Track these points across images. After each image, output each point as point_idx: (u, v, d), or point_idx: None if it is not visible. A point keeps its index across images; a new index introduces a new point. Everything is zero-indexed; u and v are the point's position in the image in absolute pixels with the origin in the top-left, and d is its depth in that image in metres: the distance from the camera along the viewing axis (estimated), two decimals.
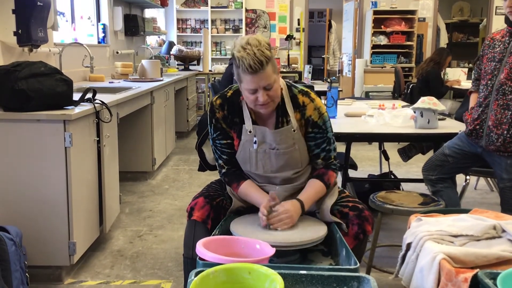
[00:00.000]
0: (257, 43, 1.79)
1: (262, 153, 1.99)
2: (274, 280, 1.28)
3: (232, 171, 2.09)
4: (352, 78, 8.84)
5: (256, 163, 2.02)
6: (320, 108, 2.00)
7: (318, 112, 1.99)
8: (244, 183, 2.04)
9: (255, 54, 1.76)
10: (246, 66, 1.78)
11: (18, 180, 2.50)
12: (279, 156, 1.98)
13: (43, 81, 2.49)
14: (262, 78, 1.80)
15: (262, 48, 1.78)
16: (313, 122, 1.99)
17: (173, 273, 2.75)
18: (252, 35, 1.83)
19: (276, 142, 1.97)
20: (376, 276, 2.61)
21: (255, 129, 1.98)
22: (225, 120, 2.03)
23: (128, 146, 4.38)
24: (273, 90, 1.85)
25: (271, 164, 2.00)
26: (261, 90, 1.83)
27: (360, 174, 4.50)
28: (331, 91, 3.36)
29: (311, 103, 1.98)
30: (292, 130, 1.97)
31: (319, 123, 1.99)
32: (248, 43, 1.79)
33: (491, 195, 4.30)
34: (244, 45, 1.79)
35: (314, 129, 2.00)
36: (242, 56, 1.77)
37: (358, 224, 1.94)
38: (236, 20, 8.70)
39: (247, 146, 2.01)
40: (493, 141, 2.50)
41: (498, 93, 2.48)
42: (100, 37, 5.41)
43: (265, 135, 1.98)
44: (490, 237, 1.69)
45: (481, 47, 2.72)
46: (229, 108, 2.01)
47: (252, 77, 1.80)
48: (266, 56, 1.78)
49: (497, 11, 8.57)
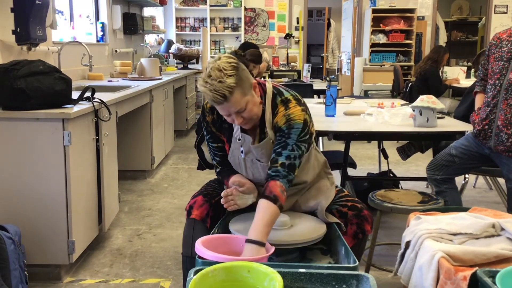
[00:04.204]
0: (218, 75, 1.72)
1: (250, 162, 1.98)
2: (273, 278, 1.28)
3: (226, 169, 2.09)
4: (351, 76, 8.84)
5: (246, 170, 2.01)
6: (291, 115, 1.86)
7: (286, 119, 1.86)
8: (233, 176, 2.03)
9: (215, 89, 1.72)
10: (211, 101, 1.77)
11: (17, 179, 2.49)
12: (265, 167, 1.93)
13: (42, 80, 2.49)
14: (230, 106, 1.77)
15: (224, 79, 1.72)
16: (277, 127, 1.88)
17: (172, 272, 2.75)
18: (216, 63, 1.75)
19: (258, 156, 1.94)
20: (375, 274, 2.62)
21: (244, 138, 1.95)
22: (214, 124, 2.02)
23: (127, 144, 4.38)
24: (247, 112, 1.81)
25: (259, 174, 1.98)
26: (233, 114, 1.81)
27: (359, 172, 4.50)
28: (330, 90, 3.35)
29: (284, 111, 1.88)
30: (271, 141, 1.91)
31: (283, 128, 1.87)
32: (209, 75, 1.73)
33: (490, 193, 4.30)
34: (205, 79, 1.74)
35: (277, 133, 1.90)
36: (204, 91, 1.75)
37: (357, 223, 1.94)
38: (235, 18, 8.69)
39: (236, 153, 2.00)
40: (503, 141, 2.49)
41: (507, 92, 2.47)
42: (99, 36, 5.41)
43: (250, 147, 1.95)
44: (489, 235, 1.70)
45: (480, 46, 2.72)
46: (219, 113, 1.97)
47: (220, 107, 1.79)
48: (229, 86, 1.72)
49: (496, 9, 8.57)
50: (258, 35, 8.72)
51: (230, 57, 1.79)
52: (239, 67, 1.77)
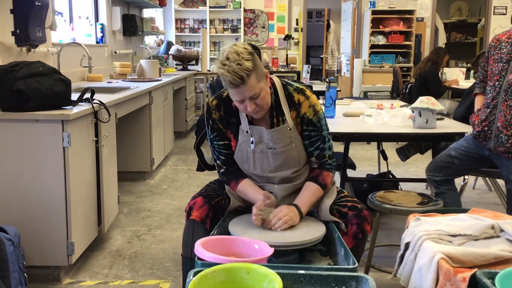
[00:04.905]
0: (236, 57, 1.77)
1: (259, 153, 1.99)
2: (272, 280, 1.28)
3: (230, 170, 2.09)
4: (350, 78, 8.84)
5: (254, 163, 2.02)
6: (315, 106, 2.00)
7: (313, 110, 1.99)
8: (242, 181, 2.04)
9: (234, 70, 1.76)
10: (228, 83, 1.79)
11: (17, 180, 2.49)
12: (277, 155, 1.98)
13: (41, 81, 2.49)
14: (246, 90, 1.80)
15: (242, 61, 1.77)
16: (308, 119, 1.99)
17: (171, 273, 2.75)
18: (233, 47, 1.81)
19: (273, 141, 1.97)
20: (375, 275, 2.61)
21: (252, 129, 1.99)
22: (221, 121, 2.03)
23: (126, 146, 4.37)
24: (260, 98, 1.85)
25: (269, 163, 2.00)
26: (247, 100, 1.84)
27: (358, 174, 4.50)
28: (330, 91, 3.36)
29: (306, 100, 1.99)
30: (289, 128, 1.97)
31: (314, 121, 1.99)
32: (228, 57, 1.78)
33: (490, 194, 4.30)
34: (223, 61, 1.78)
35: (309, 127, 2.00)
36: (222, 73, 1.78)
37: (357, 223, 1.94)
38: (235, 20, 8.70)
39: (244, 146, 2.01)
40: (503, 143, 2.49)
41: (507, 94, 2.48)
42: (98, 37, 5.41)
43: (262, 135, 1.98)
44: (488, 236, 1.70)
45: (479, 47, 2.73)
46: (226, 109, 2.02)
47: (235, 91, 1.82)
48: (247, 69, 1.77)
49: (495, 10, 8.58)
50: (257, 37, 8.73)
51: (245, 44, 1.86)
52: (254, 54, 1.83)
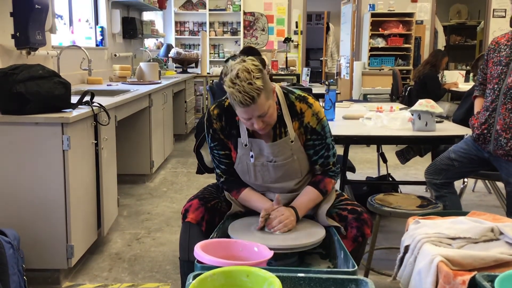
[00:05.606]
0: (246, 76, 1.71)
1: (260, 166, 1.98)
2: (272, 283, 1.28)
3: (231, 179, 2.08)
4: (350, 80, 8.85)
5: (255, 175, 2.01)
6: (319, 113, 1.96)
7: (317, 118, 1.95)
8: (244, 190, 2.04)
9: (245, 90, 1.70)
10: (237, 102, 1.74)
11: (16, 183, 2.49)
12: (277, 168, 1.96)
13: (41, 84, 2.49)
14: (255, 109, 1.76)
15: (253, 80, 1.71)
16: (311, 129, 1.95)
17: (171, 276, 2.75)
18: (243, 64, 1.73)
19: (273, 154, 1.95)
20: (374, 278, 2.61)
21: (251, 142, 1.96)
22: (222, 132, 2.00)
23: (126, 148, 4.37)
24: (268, 116, 1.82)
25: (270, 175, 1.99)
26: (254, 118, 1.80)
27: (358, 176, 4.50)
28: (329, 94, 3.36)
29: (309, 109, 1.95)
30: (290, 141, 1.94)
31: (318, 129, 1.96)
32: (238, 76, 1.71)
33: (489, 197, 4.30)
34: (233, 79, 1.72)
35: (312, 136, 1.96)
36: (232, 93, 1.73)
37: (357, 227, 1.94)
38: (234, 22, 8.71)
39: (244, 159, 1.99)
40: (502, 146, 2.49)
41: (506, 97, 2.48)
42: (98, 40, 5.41)
43: (262, 148, 1.95)
44: (488, 239, 1.69)
45: (478, 50, 2.73)
46: (227, 119, 1.98)
47: (244, 110, 1.77)
48: (257, 88, 1.72)
49: (495, 13, 8.59)
50: (257, 39, 8.74)
51: (254, 60, 1.79)
52: (263, 70, 1.79)
